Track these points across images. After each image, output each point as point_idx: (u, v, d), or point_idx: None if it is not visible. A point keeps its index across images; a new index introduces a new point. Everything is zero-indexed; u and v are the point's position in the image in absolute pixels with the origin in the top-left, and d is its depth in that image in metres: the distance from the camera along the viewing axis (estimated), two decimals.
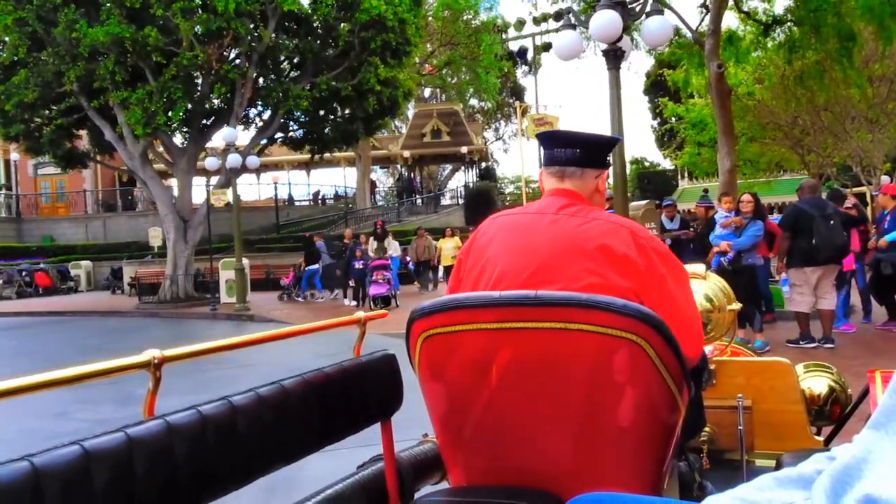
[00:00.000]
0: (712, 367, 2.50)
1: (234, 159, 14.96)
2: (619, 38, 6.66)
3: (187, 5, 15.11)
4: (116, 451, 1.00)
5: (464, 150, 32.28)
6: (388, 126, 26.00)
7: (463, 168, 36.79)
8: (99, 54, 15.75)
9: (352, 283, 14.79)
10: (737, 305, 2.65)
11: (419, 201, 33.67)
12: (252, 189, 35.95)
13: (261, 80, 18.42)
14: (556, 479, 1.57)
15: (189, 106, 16.99)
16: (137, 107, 15.76)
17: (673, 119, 26.71)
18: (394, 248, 15.99)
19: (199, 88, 16.89)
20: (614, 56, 6.79)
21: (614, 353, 1.47)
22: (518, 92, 38.34)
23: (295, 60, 18.46)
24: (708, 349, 2.55)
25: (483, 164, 38.20)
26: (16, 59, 16.83)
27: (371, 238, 15.83)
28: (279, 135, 20.19)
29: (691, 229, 9.82)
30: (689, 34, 13.92)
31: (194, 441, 1.12)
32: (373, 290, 14.06)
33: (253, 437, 1.25)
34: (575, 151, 1.86)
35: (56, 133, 18.02)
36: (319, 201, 36.15)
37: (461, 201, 32.01)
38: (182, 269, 18.16)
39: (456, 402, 1.65)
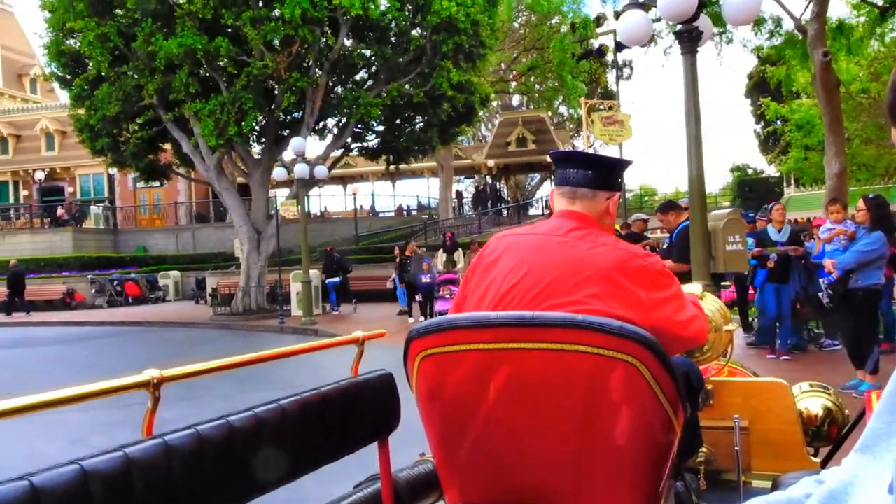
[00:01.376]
0: (709, 387, 2.47)
1: (301, 170, 14.62)
2: (695, 17, 5.66)
3: (256, 14, 14.95)
4: (115, 471, 1.03)
5: (549, 158, 31.15)
6: (467, 133, 25.31)
7: (550, 177, 35.64)
8: (175, 67, 15.87)
9: (419, 297, 14.02)
10: (733, 326, 2.54)
11: (504, 212, 32.68)
12: (337, 200, 36.25)
13: (338, 88, 18.12)
14: (551, 499, 1.56)
15: (260, 116, 16.87)
16: (210, 118, 15.75)
17: (777, 122, 24.74)
18: (464, 261, 15.16)
19: (275, 98, 16.74)
20: (689, 38, 5.79)
21: (610, 373, 1.48)
22: (609, 97, 36.80)
23: (373, 69, 18.08)
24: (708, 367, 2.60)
25: None
26: (101, 74, 17.24)
27: (440, 251, 15.08)
28: (355, 145, 19.86)
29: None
30: (791, 23, 12.46)
31: (192, 460, 1.15)
32: (440, 306, 13.25)
33: (251, 457, 1.28)
34: (587, 173, 1.83)
35: (138, 146, 18.35)
36: (404, 212, 35.93)
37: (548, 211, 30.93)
38: (255, 280, 18.06)
39: (453, 422, 1.65)
